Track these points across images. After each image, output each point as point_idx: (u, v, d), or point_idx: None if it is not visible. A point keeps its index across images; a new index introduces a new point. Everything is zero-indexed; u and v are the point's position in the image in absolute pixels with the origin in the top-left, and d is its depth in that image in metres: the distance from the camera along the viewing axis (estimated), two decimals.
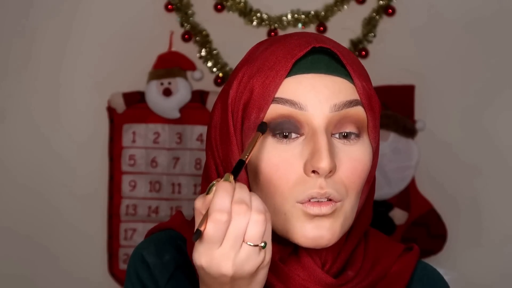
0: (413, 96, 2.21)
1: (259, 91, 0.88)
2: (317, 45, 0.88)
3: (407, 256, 1.01)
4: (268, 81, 0.87)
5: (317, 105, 0.86)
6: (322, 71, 0.88)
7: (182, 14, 2.20)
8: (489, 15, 2.22)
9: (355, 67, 0.90)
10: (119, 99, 2.18)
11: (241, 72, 0.91)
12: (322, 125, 0.86)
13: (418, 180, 2.21)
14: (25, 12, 2.20)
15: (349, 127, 0.88)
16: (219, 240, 0.78)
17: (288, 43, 0.90)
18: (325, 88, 0.87)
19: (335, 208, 0.87)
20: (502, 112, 2.24)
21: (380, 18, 2.21)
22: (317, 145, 0.85)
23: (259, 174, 0.88)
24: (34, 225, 2.22)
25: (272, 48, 0.90)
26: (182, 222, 1.03)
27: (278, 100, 0.87)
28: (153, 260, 0.98)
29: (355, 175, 0.88)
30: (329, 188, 0.86)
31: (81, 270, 2.22)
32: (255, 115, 0.88)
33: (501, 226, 2.24)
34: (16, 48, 2.21)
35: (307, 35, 0.92)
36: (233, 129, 0.90)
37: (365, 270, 0.96)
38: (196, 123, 2.19)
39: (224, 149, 0.92)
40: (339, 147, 0.88)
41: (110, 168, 2.21)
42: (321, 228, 0.87)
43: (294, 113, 0.86)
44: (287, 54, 0.88)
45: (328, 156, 0.84)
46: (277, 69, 0.87)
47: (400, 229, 2.20)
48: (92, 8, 2.21)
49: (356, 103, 0.88)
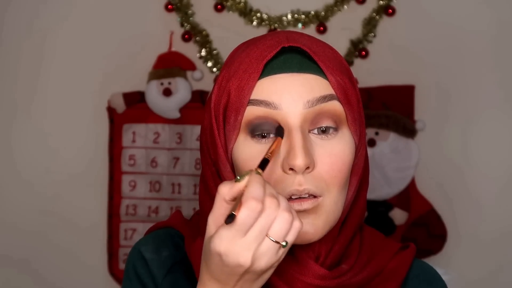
0: (413, 96, 2.21)
1: (235, 94, 0.90)
2: (286, 44, 0.90)
3: (403, 254, 1.02)
4: (242, 83, 0.89)
5: (291, 103, 0.88)
6: (295, 70, 0.89)
7: (182, 14, 2.20)
8: (489, 15, 2.22)
9: (328, 62, 0.91)
10: (119, 99, 2.18)
11: (220, 76, 0.94)
12: (297, 123, 0.88)
13: (418, 180, 2.21)
14: (30, 13, 2.20)
15: (325, 121, 0.89)
16: (247, 228, 0.78)
17: (262, 44, 0.92)
18: (298, 86, 0.88)
19: (317, 203, 0.89)
20: (502, 112, 2.24)
21: (380, 18, 2.21)
22: (292, 143, 0.87)
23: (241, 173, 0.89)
24: (34, 224, 2.22)
25: (247, 50, 0.92)
26: (181, 221, 1.04)
27: (254, 102, 0.89)
28: (150, 256, 0.99)
29: (335, 170, 0.89)
30: (308, 184, 0.88)
31: (81, 270, 2.22)
32: (233, 118, 0.90)
33: (501, 226, 2.24)
34: (16, 49, 2.21)
35: (280, 34, 0.93)
36: (217, 132, 0.93)
37: (360, 264, 0.97)
38: (196, 123, 2.19)
39: (213, 151, 0.94)
40: (317, 143, 0.89)
41: (110, 168, 2.21)
42: (304, 224, 0.87)
43: (269, 113, 0.88)
44: (259, 56, 0.90)
45: (302, 153, 0.86)
46: (250, 71, 0.89)
47: (400, 229, 2.20)
48: (92, 8, 2.21)
49: (331, 98, 0.89)
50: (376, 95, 2.15)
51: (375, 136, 2.14)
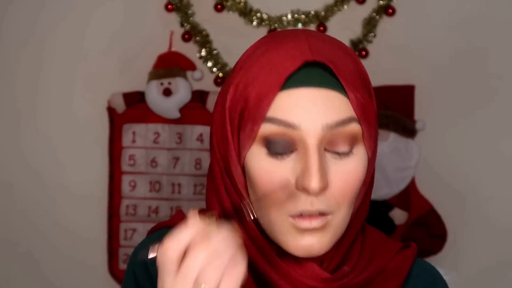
0: (413, 96, 2.21)
1: (253, 104, 0.88)
2: (310, 59, 0.87)
3: (404, 253, 1.02)
4: (262, 95, 0.87)
5: (310, 123, 0.86)
6: (316, 85, 0.87)
7: (182, 14, 2.20)
8: (489, 16, 2.22)
9: (349, 77, 0.89)
10: (119, 99, 2.18)
11: (238, 77, 0.92)
12: (315, 143, 0.86)
13: (418, 180, 2.21)
14: (29, 13, 2.20)
15: (341, 146, 0.88)
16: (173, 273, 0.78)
17: (283, 51, 0.89)
18: (318, 105, 0.86)
19: (326, 221, 0.88)
20: (502, 112, 2.24)
21: (380, 18, 2.21)
22: (308, 164, 0.85)
23: (255, 186, 0.89)
24: (34, 224, 2.22)
25: (267, 55, 0.90)
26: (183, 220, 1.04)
27: (272, 120, 0.87)
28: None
29: (348, 188, 0.89)
30: (319, 204, 0.87)
31: (81, 270, 2.22)
32: (250, 127, 0.88)
33: (501, 226, 2.24)
34: (16, 49, 2.21)
35: (302, 41, 0.90)
36: (231, 135, 0.91)
37: (361, 265, 0.97)
38: (196, 123, 2.19)
39: (223, 149, 0.94)
40: (332, 162, 0.88)
41: (110, 168, 2.21)
42: (312, 240, 0.88)
43: (287, 132, 0.87)
44: (280, 67, 0.88)
45: (318, 177, 0.85)
46: (270, 82, 0.87)
47: (400, 229, 2.20)
48: (92, 8, 2.21)
49: (350, 121, 0.88)
50: (376, 95, 2.14)
51: None
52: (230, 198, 0.95)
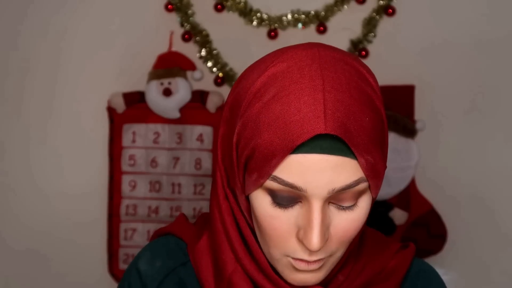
0: (413, 96, 2.21)
1: (260, 160, 0.86)
2: (323, 132, 0.83)
3: (403, 253, 1.02)
4: (270, 154, 0.85)
5: (316, 189, 0.85)
6: (326, 152, 0.84)
7: (182, 14, 2.20)
8: (488, 16, 2.22)
9: (362, 142, 0.85)
10: (119, 99, 2.18)
11: (246, 115, 0.88)
12: (319, 204, 0.85)
13: (418, 180, 2.21)
14: (26, 10, 2.20)
15: (347, 202, 0.88)
16: None
17: (297, 105, 0.84)
18: (326, 172, 0.84)
19: (322, 263, 0.90)
20: (502, 112, 2.24)
21: (380, 18, 2.21)
22: (311, 224, 0.85)
23: (258, 223, 0.90)
24: (34, 224, 2.22)
25: (279, 104, 0.85)
26: (183, 226, 1.04)
27: (278, 181, 0.85)
28: (144, 268, 1.01)
29: (347, 236, 0.89)
30: (318, 255, 0.88)
31: (81, 270, 2.22)
32: (255, 177, 0.87)
33: (501, 226, 2.24)
34: (15, 49, 2.21)
35: (318, 95, 0.84)
36: (237, 168, 0.91)
37: (356, 272, 0.98)
38: (196, 123, 2.19)
39: (228, 168, 0.94)
40: (335, 213, 0.88)
41: (110, 168, 2.21)
42: (307, 276, 0.90)
43: (292, 192, 0.86)
44: (290, 132, 0.84)
45: (319, 238, 0.85)
46: (279, 145, 0.84)
47: (400, 229, 2.20)
48: (92, 8, 2.21)
49: (358, 182, 0.86)
50: None
51: None
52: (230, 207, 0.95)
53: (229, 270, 0.94)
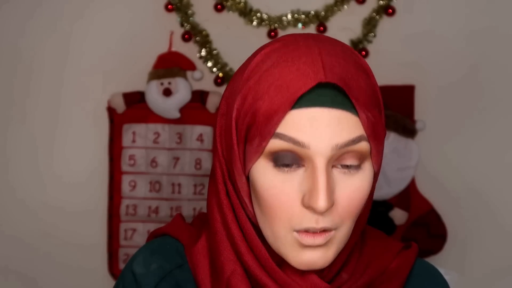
0: (413, 96, 2.21)
1: (262, 120, 0.87)
2: (323, 80, 0.85)
3: (405, 253, 1.02)
4: (271, 112, 0.86)
5: (319, 144, 0.85)
6: (327, 105, 0.85)
7: (182, 14, 2.20)
8: (489, 16, 2.22)
9: (361, 97, 0.87)
10: (119, 99, 2.18)
11: (245, 88, 0.90)
12: (323, 163, 0.85)
13: (418, 180, 2.21)
14: (27, 12, 2.20)
15: (350, 160, 0.88)
16: None
17: (295, 66, 0.87)
18: (328, 125, 0.85)
19: (329, 237, 0.88)
20: (501, 112, 2.24)
21: (380, 18, 2.21)
22: (316, 184, 0.85)
23: (259, 199, 0.89)
24: (34, 224, 2.22)
25: (278, 69, 0.88)
26: (179, 227, 1.03)
27: (281, 136, 0.86)
28: (140, 271, 1.00)
29: (353, 204, 0.89)
30: (325, 222, 0.87)
31: (81, 270, 2.22)
32: (257, 142, 0.87)
33: (501, 226, 2.24)
34: (16, 49, 2.21)
35: (315, 55, 0.88)
36: (237, 145, 0.91)
37: (360, 271, 0.97)
38: (196, 123, 2.19)
39: (228, 156, 0.93)
40: (339, 178, 0.88)
41: (110, 168, 2.21)
42: (315, 255, 0.88)
43: (295, 149, 0.86)
44: (292, 86, 0.86)
45: (325, 197, 0.84)
46: (281, 100, 0.86)
47: (400, 229, 2.20)
48: (92, 8, 2.21)
49: (360, 139, 0.87)
50: None
51: None
52: (231, 203, 0.95)
53: (228, 272, 0.93)
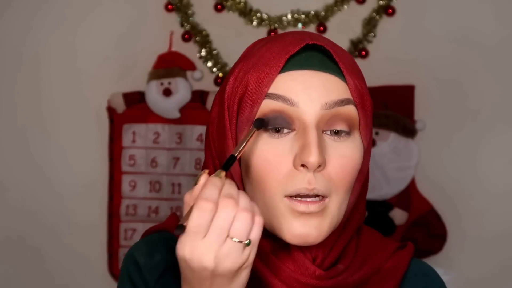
0: (413, 96, 2.21)
1: (253, 86, 0.90)
2: (310, 42, 0.91)
3: (401, 253, 1.02)
4: (262, 76, 0.89)
5: (309, 102, 0.88)
6: (315, 68, 0.90)
7: (182, 14, 2.20)
8: (490, 16, 2.22)
9: (348, 65, 0.91)
10: (119, 99, 2.18)
11: (237, 68, 0.94)
12: (313, 121, 0.88)
13: (418, 180, 2.21)
14: (30, 14, 2.20)
15: (339, 125, 0.90)
16: (203, 230, 0.78)
17: (283, 40, 0.92)
18: (317, 85, 0.89)
19: (323, 206, 0.88)
20: (501, 112, 2.24)
21: (380, 18, 2.21)
22: (307, 140, 0.87)
23: (251, 168, 0.90)
24: (34, 225, 2.22)
25: (267, 45, 0.93)
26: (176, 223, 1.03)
27: (271, 96, 0.89)
28: (143, 261, 0.99)
29: (344, 172, 0.90)
30: (317, 184, 0.87)
31: (81, 270, 2.22)
32: (248, 110, 0.90)
33: (500, 226, 2.24)
34: (15, 49, 2.21)
35: (302, 33, 0.94)
36: (229, 123, 0.92)
37: (356, 264, 0.97)
38: (196, 123, 2.19)
39: (220, 143, 0.94)
40: (329, 143, 0.90)
41: (110, 168, 2.21)
42: (308, 226, 0.88)
43: (286, 109, 0.88)
44: (281, 51, 0.90)
45: (317, 151, 0.86)
46: (271, 65, 0.90)
47: (400, 229, 2.20)
48: (92, 8, 2.21)
49: (348, 102, 0.90)
50: (376, 95, 2.15)
51: (375, 136, 2.14)
52: None
53: None
